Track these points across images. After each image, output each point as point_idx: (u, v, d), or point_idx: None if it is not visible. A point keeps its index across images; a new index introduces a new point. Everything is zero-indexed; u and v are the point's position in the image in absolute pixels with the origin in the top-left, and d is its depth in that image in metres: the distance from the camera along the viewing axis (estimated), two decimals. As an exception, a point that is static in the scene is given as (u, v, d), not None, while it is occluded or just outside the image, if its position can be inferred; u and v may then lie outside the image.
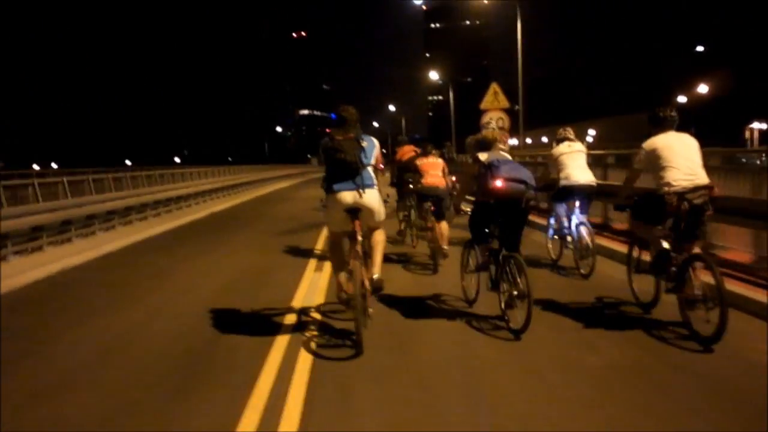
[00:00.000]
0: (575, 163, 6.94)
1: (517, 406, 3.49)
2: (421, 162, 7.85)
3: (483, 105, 16.69)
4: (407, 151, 9.48)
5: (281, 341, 4.74)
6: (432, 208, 7.58)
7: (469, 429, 3.26)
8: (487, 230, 5.20)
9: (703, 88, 49.53)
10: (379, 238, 5.01)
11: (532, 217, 10.64)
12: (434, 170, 7.66)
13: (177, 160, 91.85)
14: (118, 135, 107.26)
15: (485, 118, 16.54)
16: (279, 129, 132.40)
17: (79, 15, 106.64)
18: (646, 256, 5.23)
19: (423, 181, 7.65)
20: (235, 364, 4.36)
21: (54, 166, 59.59)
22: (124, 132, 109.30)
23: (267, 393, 3.75)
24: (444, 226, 7.50)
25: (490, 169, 4.91)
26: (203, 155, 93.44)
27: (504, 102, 16.77)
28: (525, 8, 20.79)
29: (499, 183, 4.81)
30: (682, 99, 49.61)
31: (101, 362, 4.57)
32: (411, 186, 7.81)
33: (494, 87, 16.92)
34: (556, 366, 4.11)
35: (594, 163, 9.04)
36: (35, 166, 52.52)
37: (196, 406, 3.62)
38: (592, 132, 62.51)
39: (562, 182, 6.96)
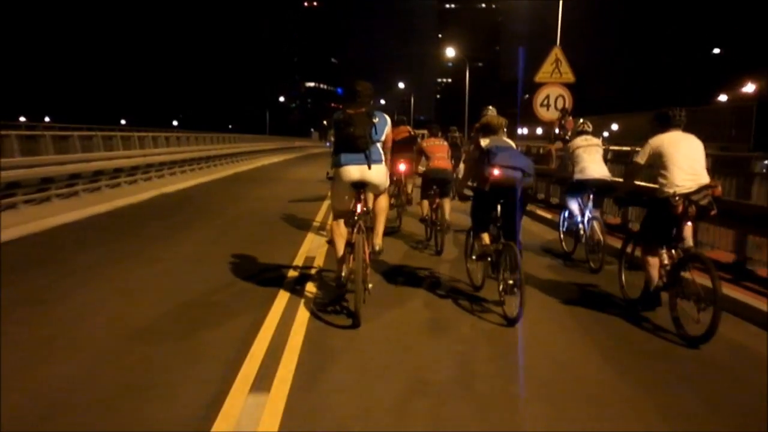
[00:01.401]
0: (591, 157, 7.09)
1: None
2: (428, 144, 8.02)
3: (539, 77, 13.43)
4: (401, 132, 9.32)
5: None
6: (437, 190, 7.77)
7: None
8: (485, 218, 5.36)
9: (750, 87, 48.07)
10: (383, 204, 5.17)
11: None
12: (440, 152, 7.85)
13: (175, 123, 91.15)
14: (119, 93, 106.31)
15: (540, 96, 13.37)
16: (282, 99, 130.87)
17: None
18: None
19: (430, 164, 7.82)
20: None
21: (47, 119, 59.29)
22: (125, 90, 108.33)
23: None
24: (447, 201, 7.74)
25: (488, 155, 5.05)
26: (203, 120, 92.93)
27: (568, 74, 13.36)
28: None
29: (494, 171, 4.95)
30: (722, 98, 48.27)
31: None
32: (421, 168, 7.97)
33: (556, 53, 13.34)
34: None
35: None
36: (22, 118, 51.56)
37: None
38: (614, 127, 61.59)
39: (577, 176, 7.10)
